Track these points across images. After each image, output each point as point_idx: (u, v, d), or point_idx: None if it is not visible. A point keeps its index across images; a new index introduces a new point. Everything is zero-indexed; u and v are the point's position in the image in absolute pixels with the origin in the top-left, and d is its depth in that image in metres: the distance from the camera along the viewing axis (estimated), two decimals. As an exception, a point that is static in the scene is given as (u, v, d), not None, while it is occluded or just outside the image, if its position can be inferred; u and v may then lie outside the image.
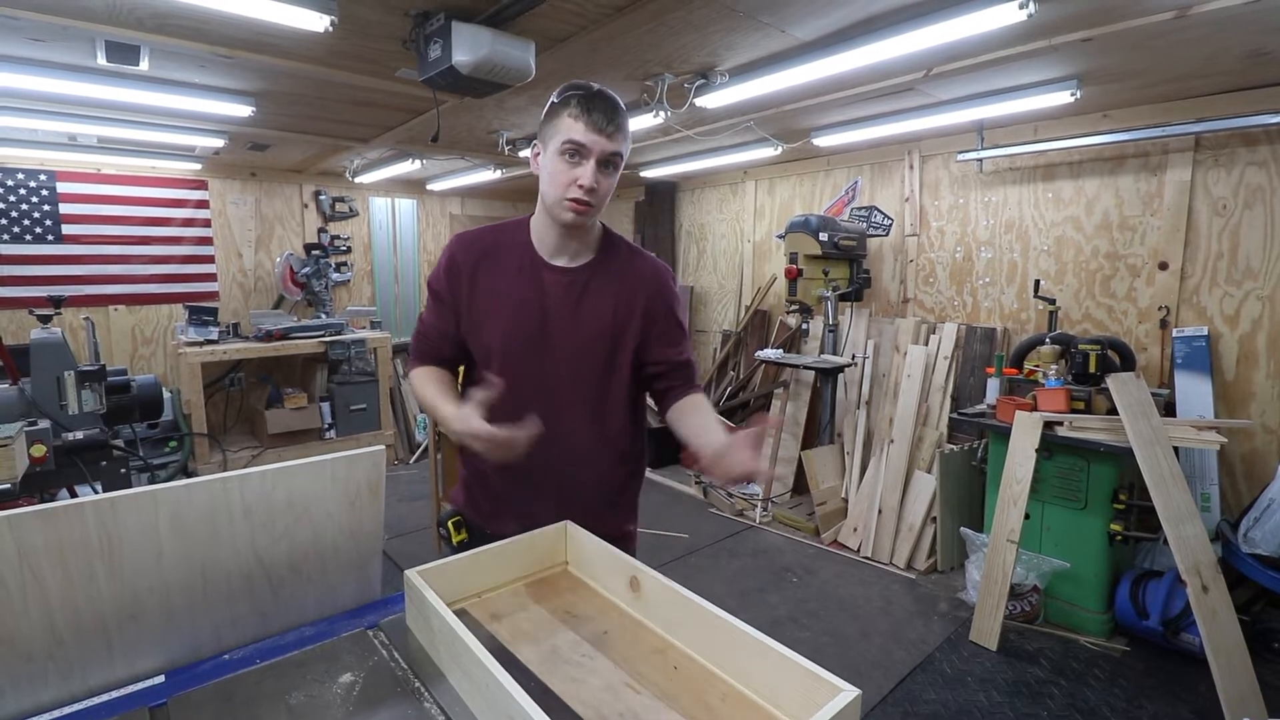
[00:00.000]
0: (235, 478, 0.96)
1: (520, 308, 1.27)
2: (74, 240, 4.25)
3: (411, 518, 3.95)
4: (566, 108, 1.16)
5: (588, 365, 1.30)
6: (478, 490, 1.39)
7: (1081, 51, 2.37)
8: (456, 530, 1.37)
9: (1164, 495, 2.43)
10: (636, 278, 1.33)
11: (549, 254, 1.29)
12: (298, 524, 1.03)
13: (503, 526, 1.35)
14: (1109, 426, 2.64)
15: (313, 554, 1.07)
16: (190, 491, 0.93)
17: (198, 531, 0.94)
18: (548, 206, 1.24)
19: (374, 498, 1.11)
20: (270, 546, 1.01)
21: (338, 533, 1.08)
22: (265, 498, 0.99)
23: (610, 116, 1.15)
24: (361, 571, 1.14)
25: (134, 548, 0.90)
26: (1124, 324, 3.29)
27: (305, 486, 1.03)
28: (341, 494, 1.07)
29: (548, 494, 1.33)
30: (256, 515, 0.99)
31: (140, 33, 2.12)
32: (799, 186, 4.67)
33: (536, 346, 1.27)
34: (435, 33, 1.86)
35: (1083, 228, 3.39)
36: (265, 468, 0.98)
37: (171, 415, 4.13)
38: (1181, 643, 2.58)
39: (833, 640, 2.71)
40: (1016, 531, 2.66)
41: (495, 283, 1.28)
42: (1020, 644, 2.70)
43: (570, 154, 1.16)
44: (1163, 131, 2.98)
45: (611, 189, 1.24)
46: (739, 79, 2.53)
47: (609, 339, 1.30)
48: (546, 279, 1.28)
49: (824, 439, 4.00)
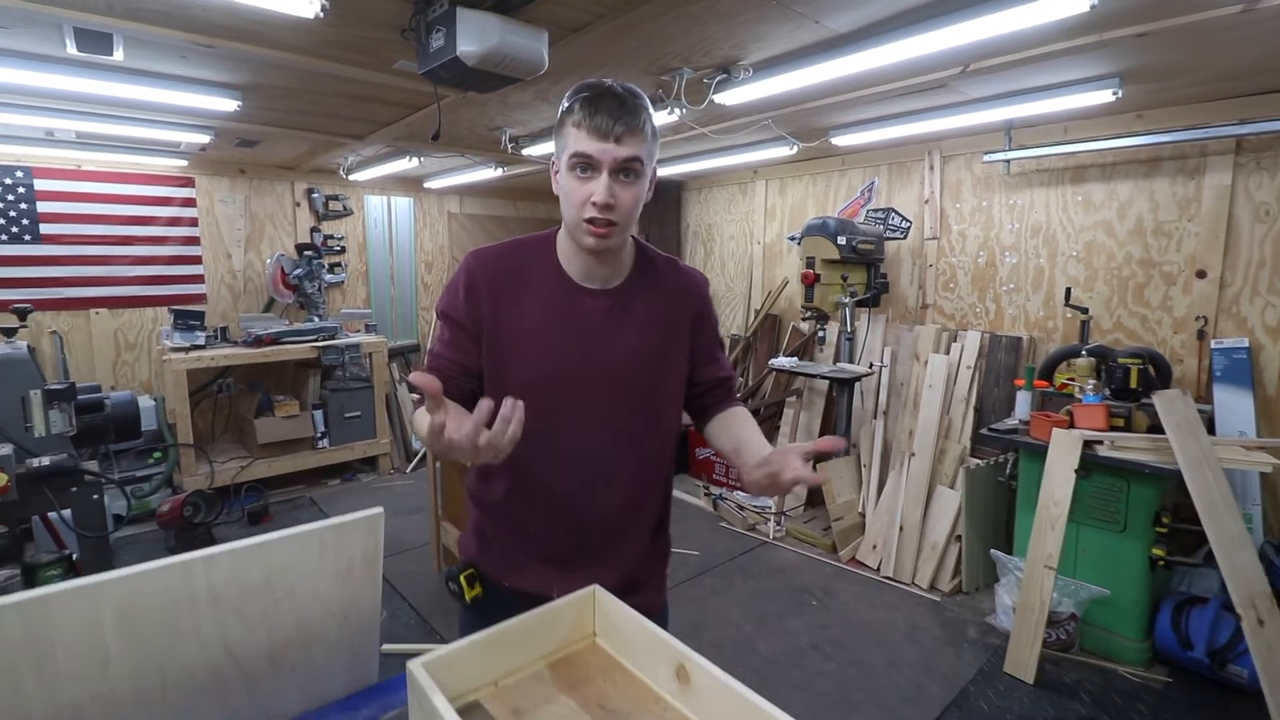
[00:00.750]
0: (199, 560, 0.78)
1: (553, 339, 1.10)
2: (53, 240, 4.04)
3: (409, 534, 3.78)
4: (571, 115, 1.01)
5: (634, 397, 1.15)
6: (495, 537, 1.22)
7: (1131, 48, 2.20)
8: (470, 585, 1.19)
9: (1216, 521, 2.27)
10: (680, 294, 1.20)
11: (580, 277, 1.12)
12: (278, 607, 0.86)
13: (528, 580, 1.18)
14: (1154, 446, 2.48)
15: (296, 641, 0.89)
16: (142, 581, 0.75)
17: (153, 627, 0.77)
18: (569, 230, 1.08)
19: (370, 570, 0.93)
20: (244, 636, 0.84)
21: (326, 614, 0.91)
22: (237, 579, 0.81)
23: (617, 116, 0.98)
24: (355, 655, 0.96)
25: (72, 652, 0.72)
26: (1158, 334, 3.13)
27: (287, 562, 0.85)
28: (331, 568, 0.89)
29: (589, 549, 1.18)
30: (227, 601, 0.81)
31: (111, 19, 1.92)
32: (812, 187, 4.50)
33: (574, 382, 1.11)
34: (438, 20, 1.68)
35: (1115, 233, 3.23)
36: (236, 545, 0.81)
37: (155, 425, 3.94)
38: (1229, 674, 2.43)
39: (860, 673, 2.55)
40: (1055, 557, 2.50)
41: (522, 310, 1.10)
42: (1058, 675, 2.55)
43: (580, 168, 1.01)
44: (1204, 133, 2.82)
45: (638, 200, 1.04)
46: (764, 74, 2.35)
47: (656, 365, 1.16)
48: (581, 304, 1.11)
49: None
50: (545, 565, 1.17)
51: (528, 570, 1.18)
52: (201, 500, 3.48)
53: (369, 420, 4.69)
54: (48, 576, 2.14)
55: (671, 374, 1.19)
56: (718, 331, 1.29)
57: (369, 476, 4.77)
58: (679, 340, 1.19)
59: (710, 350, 1.26)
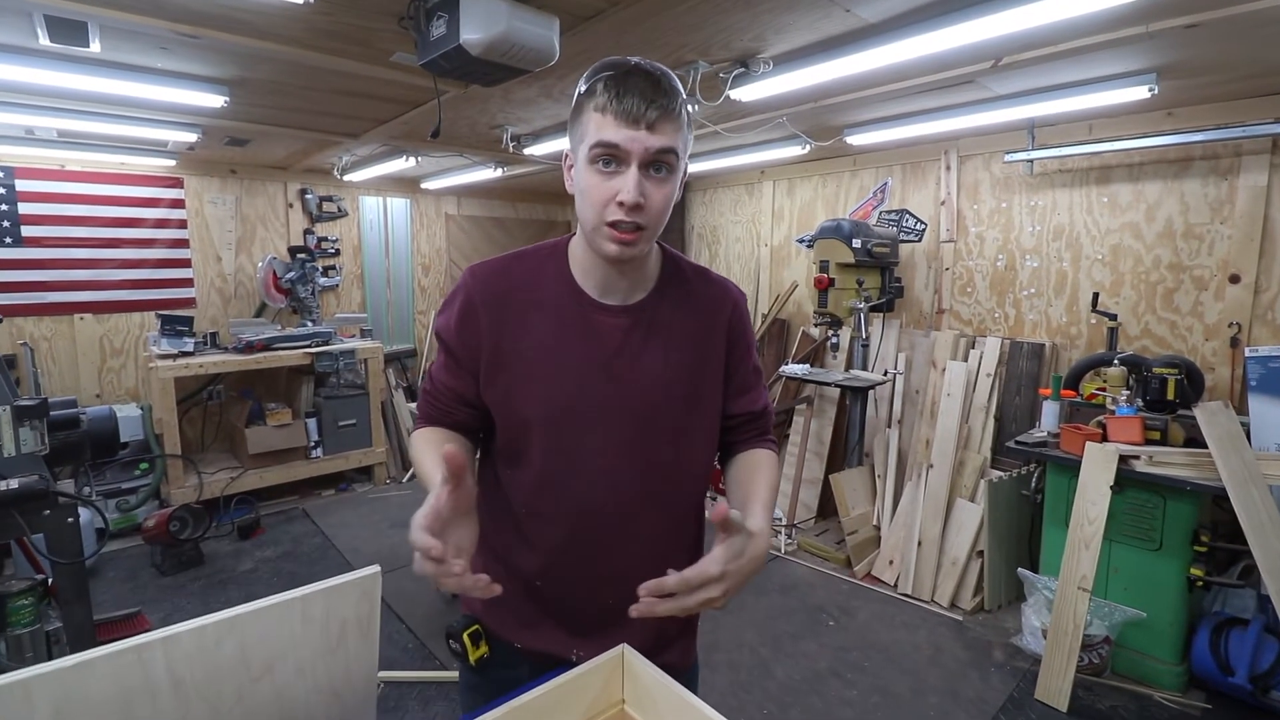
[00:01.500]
0: (157, 641, 0.64)
1: (566, 364, 0.95)
2: (35, 243, 3.88)
3: (405, 547, 3.57)
4: (592, 98, 0.84)
5: (661, 431, 0.99)
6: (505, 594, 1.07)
7: (1176, 40, 2.08)
8: (474, 644, 1.04)
9: (1263, 543, 2.15)
10: (713, 310, 1.04)
11: (598, 291, 0.97)
12: (255, 688, 0.72)
13: (542, 640, 1.04)
14: (1194, 461, 2.35)
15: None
16: (84, 673, 0.61)
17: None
18: (587, 235, 0.92)
19: (365, 638, 0.79)
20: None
21: (314, 692, 0.77)
22: (204, 660, 0.68)
23: (650, 99, 0.82)
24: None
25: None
26: (1188, 341, 3.01)
27: (264, 636, 0.71)
28: (318, 639, 0.75)
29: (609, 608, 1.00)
30: (193, 686, 0.67)
31: (85, 5, 1.78)
32: (822, 188, 4.37)
33: (590, 414, 0.95)
34: (439, 5, 1.54)
35: (1142, 236, 3.10)
36: (204, 621, 0.67)
37: (142, 435, 3.78)
38: (1272, 701, 2.31)
39: (883, 700, 2.41)
40: (1089, 579, 2.37)
41: (529, 332, 0.96)
42: (1091, 702, 2.42)
43: (603, 160, 0.84)
44: (1239, 132, 2.70)
45: (669, 200, 0.88)
46: (784, 68, 2.21)
47: (686, 393, 1.00)
48: (599, 323, 0.96)
49: (852, 460, 3.71)
50: (561, 624, 1.03)
51: (542, 629, 1.03)
52: (189, 515, 3.32)
53: (364, 428, 4.54)
54: (19, 606, 1.98)
55: (704, 402, 1.03)
56: (754, 354, 1.12)
57: (364, 487, 4.61)
58: (712, 364, 1.03)
59: (745, 378, 1.09)
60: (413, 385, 5.31)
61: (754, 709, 2.34)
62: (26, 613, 1.97)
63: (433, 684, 2.48)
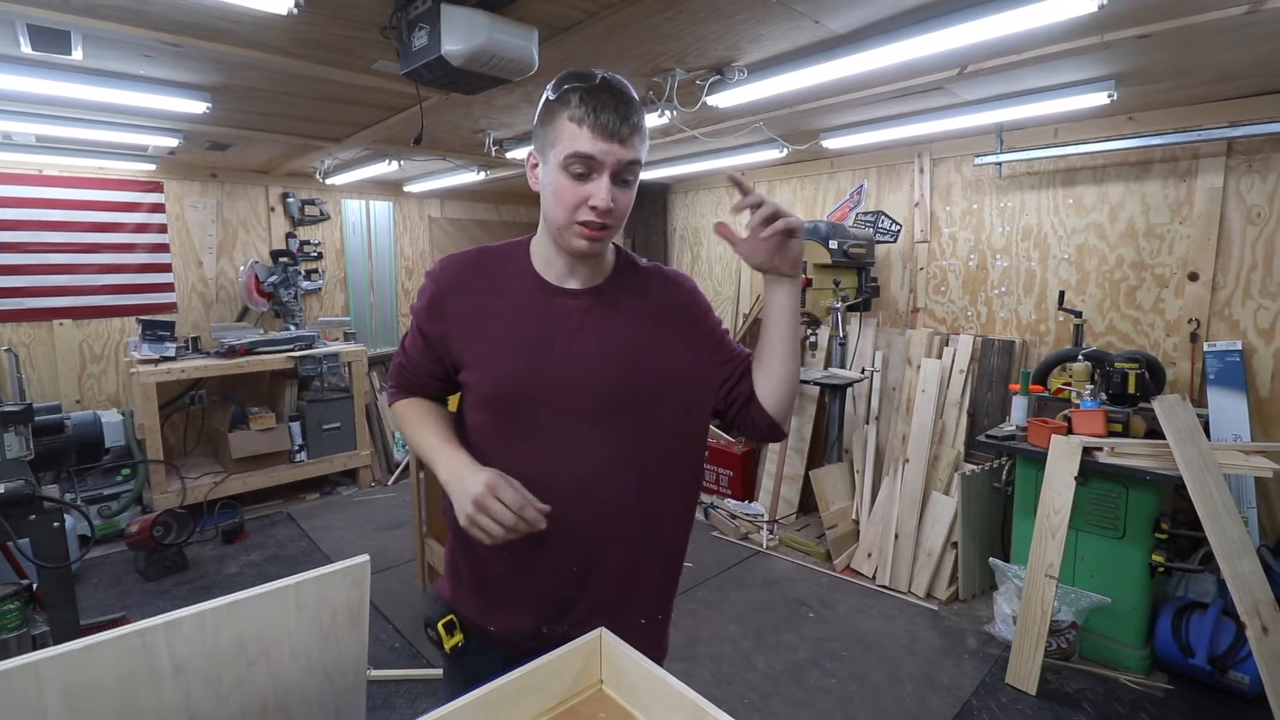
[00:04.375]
0: (160, 627, 0.69)
1: (524, 342, 1.02)
2: (12, 248, 3.85)
3: (391, 548, 3.65)
4: (566, 108, 0.92)
5: (627, 402, 1.03)
6: (473, 577, 1.10)
7: (1132, 49, 2.17)
8: (449, 633, 1.08)
9: (1218, 529, 2.25)
10: (672, 294, 1.11)
11: (557, 279, 1.05)
12: (252, 673, 0.76)
13: (512, 621, 1.09)
14: (1153, 452, 2.45)
15: (274, 707, 0.79)
16: (91, 655, 0.65)
17: (107, 705, 0.67)
18: (554, 232, 1.00)
19: (355, 625, 0.84)
20: (214, 708, 0.74)
21: (307, 676, 0.81)
22: (204, 646, 0.72)
23: (624, 115, 0.91)
24: (339, 716, 0.87)
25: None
26: (1150, 337, 3.12)
27: (261, 622, 0.76)
28: (311, 626, 0.80)
29: (569, 585, 1.06)
30: (193, 670, 0.72)
31: (68, 15, 1.80)
32: (800, 190, 4.45)
33: (547, 395, 1.01)
34: (421, 17, 1.58)
35: (1106, 236, 3.21)
36: (202, 608, 0.71)
37: (124, 440, 3.77)
38: (1230, 681, 2.41)
39: (861, 688, 2.49)
40: (1056, 566, 2.46)
41: (493, 316, 1.03)
42: (1059, 685, 2.51)
43: (578, 168, 0.93)
44: (1196, 135, 2.81)
45: (631, 203, 0.99)
46: (758, 76, 2.28)
47: (656, 367, 1.04)
48: (559, 305, 1.03)
49: (831, 457, 3.79)
50: (526, 601, 1.07)
51: (510, 607, 1.07)
52: (172, 520, 3.32)
53: (349, 432, 4.54)
54: (5, 611, 1.99)
55: (675, 382, 1.06)
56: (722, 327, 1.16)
57: (349, 490, 4.62)
58: (679, 344, 1.07)
59: (728, 344, 1.13)
60: (397, 388, 5.31)
61: (735, 699, 2.40)
62: (13, 617, 1.98)
63: (420, 682, 2.51)
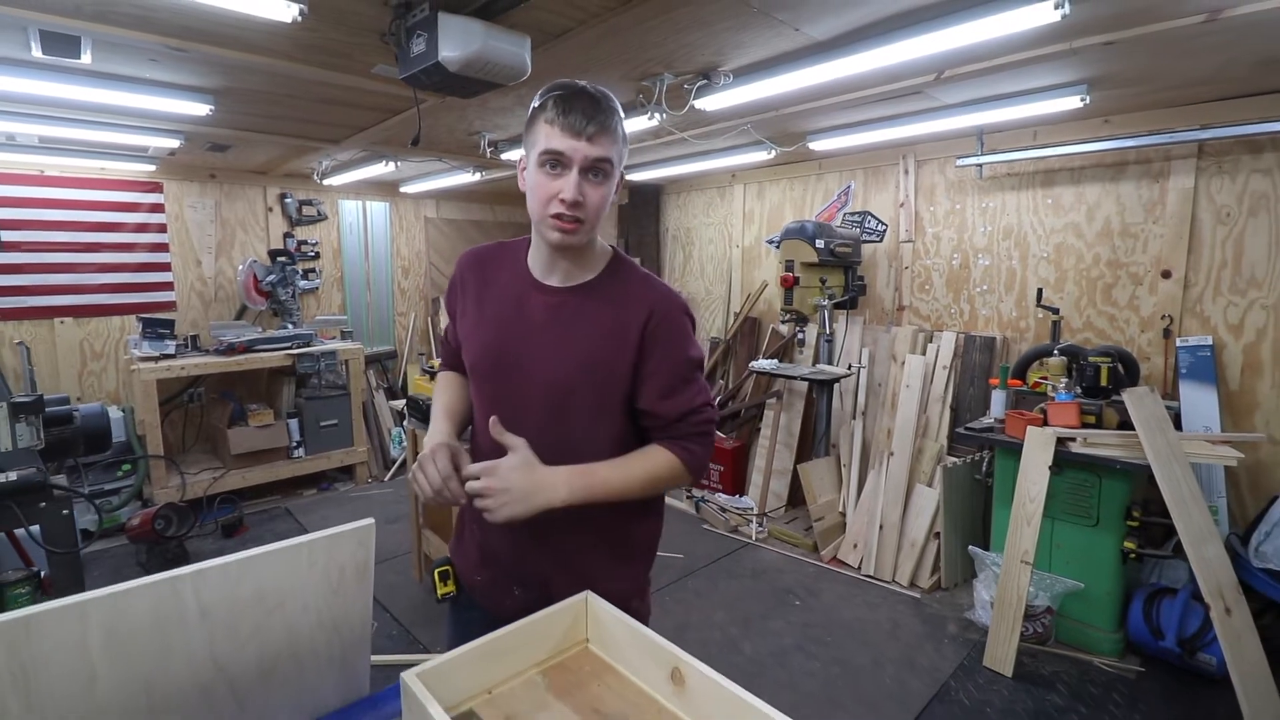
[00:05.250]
0: (189, 575, 0.77)
1: (497, 327, 1.14)
2: (14, 248, 3.91)
3: (388, 542, 3.73)
4: (544, 112, 1.03)
5: (569, 399, 1.10)
6: (469, 536, 1.26)
7: (1099, 55, 2.27)
8: (442, 581, 1.24)
9: (1184, 515, 2.35)
10: (638, 305, 1.10)
11: (540, 273, 1.15)
12: (269, 621, 0.84)
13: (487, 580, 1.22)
14: (1124, 442, 2.55)
15: (287, 654, 0.88)
16: (129, 598, 0.73)
17: (141, 645, 0.75)
18: (535, 225, 1.11)
19: (361, 582, 0.92)
20: (235, 652, 0.82)
21: (317, 627, 0.90)
22: (227, 594, 0.80)
23: (590, 116, 1.00)
24: (346, 668, 0.95)
25: (57, 673, 0.70)
26: (1126, 333, 3.23)
27: (277, 576, 0.84)
28: (321, 581, 0.88)
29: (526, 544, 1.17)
30: (217, 616, 0.80)
31: (79, 21, 1.88)
32: (789, 191, 4.55)
33: (510, 373, 1.12)
34: (419, 25, 1.67)
35: (1083, 235, 3.32)
36: (227, 560, 0.79)
37: (125, 437, 3.83)
38: (1198, 663, 2.51)
39: (843, 671, 2.58)
40: (1031, 553, 2.56)
41: (487, 303, 1.18)
42: (1035, 668, 2.60)
43: (550, 164, 1.03)
44: (1168, 138, 2.92)
45: (605, 200, 1.07)
46: (743, 80, 2.37)
47: (596, 372, 1.10)
48: (531, 299, 1.14)
49: (819, 451, 3.88)
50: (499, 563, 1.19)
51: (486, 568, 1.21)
52: (173, 513, 3.39)
53: (346, 428, 4.62)
54: (16, 595, 2.07)
55: (612, 388, 1.10)
56: (688, 363, 1.13)
57: (346, 485, 4.69)
58: (621, 356, 1.09)
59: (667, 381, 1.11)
60: (393, 386, 5.39)
61: (723, 682, 2.48)
62: (24, 600, 2.06)
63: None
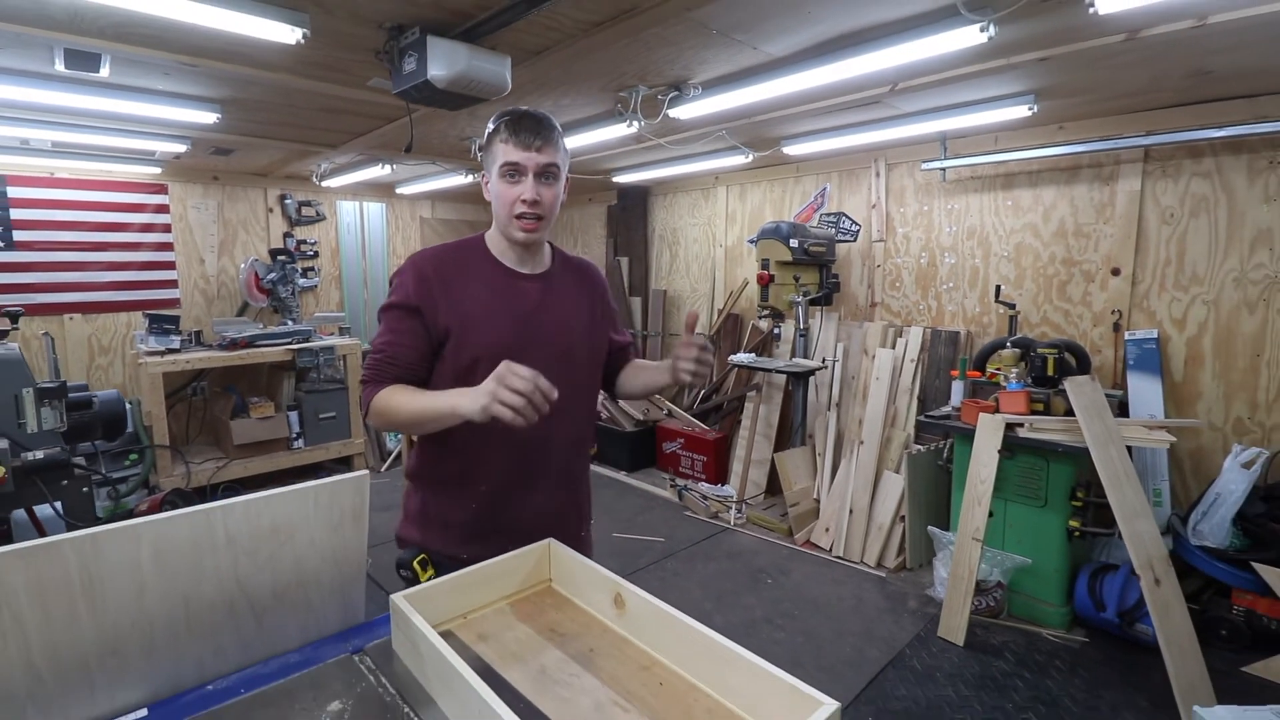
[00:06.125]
0: (219, 508, 0.95)
1: (499, 316, 1.31)
2: (26, 247, 4.10)
3: (384, 528, 3.87)
4: (499, 134, 1.25)
5: (574, 355, 1.38)
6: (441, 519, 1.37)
7: (1038, 69, 2.47)
8: (424, 569, 1.34)
9: (1118, 493, 2.54)
10: (588, 276, 1.49)
11: (514, 265, 1.36)
12: (282, 551, 1.03)
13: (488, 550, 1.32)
14: (1067, 427, 2.75)
15: (295, 581, 1.06)
16: (173, 524, 0.92)
17: (180, 563, 0.94)
18: (502, 228, 1.32)
19: (357, 523, 1.11)
20: (253, 575, 1.01)
21: (321, 559, 1.08)
22: (249, 526, 0.99)
23: (537, 131, 1.22)
24: (345, 596, 1.14)
25: (116, 583, 0.89)
26: (1079, 327, 3.42)
27: (289, 513, 1.03)
28: (324, 520, 1.07)
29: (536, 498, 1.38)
30: (240, 544, 0.99)
31: (101, 40, 2.06)
32: (769, 192, 4.74)
33: (527, 345, 1.30)
34: (410, 46, 1.86)
35: (1040, 235, 3.51)
36: (250, 497, 0.98)
37: (132, 427, 4.01)
38: (1136, 633, 2.70)
39: (807, 640, 2.77)
40: (981, 530, 2.75)
41: (469, 294, 1.29)
42: (986, 638, 2.79)
43: (509, 174, 1.25)
44: (1114, 144, 3.12)
45: (557, 198, 1.29)
46: (711, 92, 2.56)
47: (590, 331, 1.43)
48: (521, 287, 1.34)
49: (796, 441, 4.07)
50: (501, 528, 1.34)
51: (488, 538, 1.33)
52: (180, 499, 3.57)
53: (343, 421, 4.80)
54: (39, 566, 2.25)
55: (598, 344, 1.46)
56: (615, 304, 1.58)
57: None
58: (595, 314, 1.45)
59: (615, 321, 1.54)
60: (390, 381, 5.57)
61: (695, 650, 2.67)
62: (48, 570, 2.23)
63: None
